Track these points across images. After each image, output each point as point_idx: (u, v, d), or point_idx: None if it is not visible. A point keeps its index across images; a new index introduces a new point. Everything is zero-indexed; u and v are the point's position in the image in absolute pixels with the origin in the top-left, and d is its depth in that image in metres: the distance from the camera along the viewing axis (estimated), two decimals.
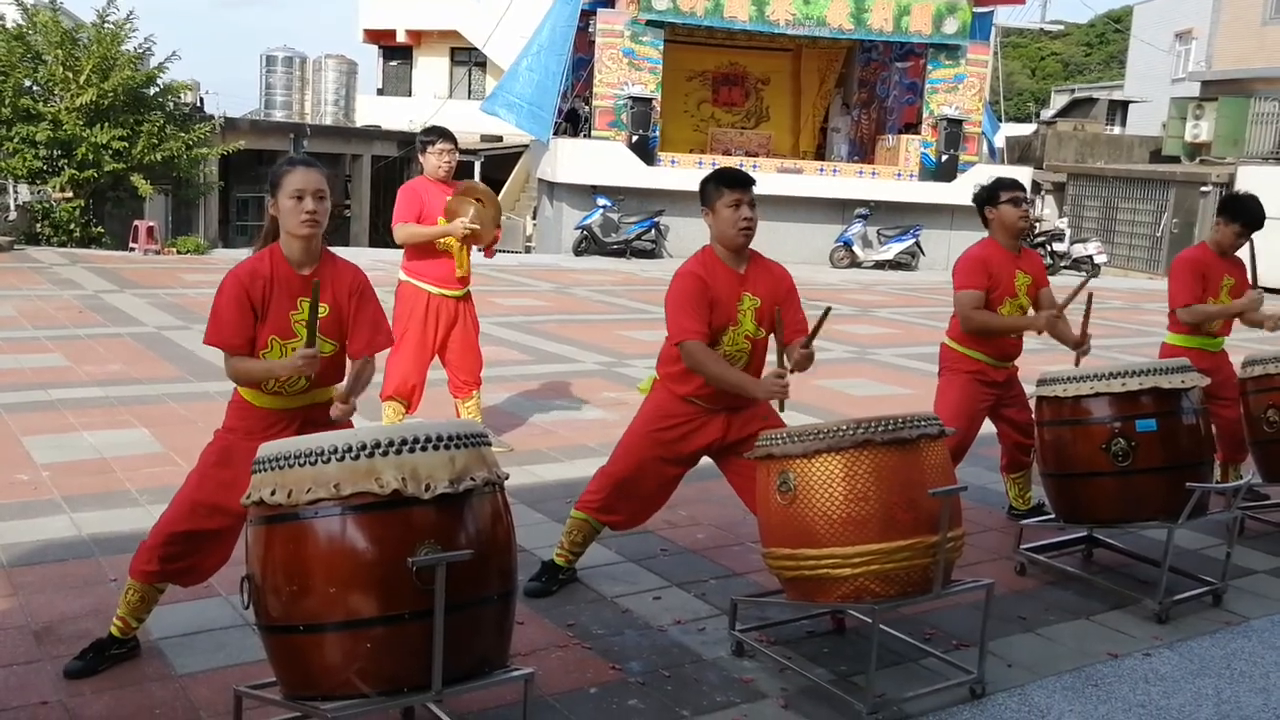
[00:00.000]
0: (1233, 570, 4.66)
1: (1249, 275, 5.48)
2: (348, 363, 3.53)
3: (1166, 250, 22.36)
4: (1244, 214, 5.39)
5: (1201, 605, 4.51)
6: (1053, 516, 4.81)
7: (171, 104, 18.49)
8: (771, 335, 4.11)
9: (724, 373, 3.94)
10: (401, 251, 5.99)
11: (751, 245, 4.09)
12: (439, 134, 5.84)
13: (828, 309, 3.79)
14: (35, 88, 16.92)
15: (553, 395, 7.84)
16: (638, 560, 4.70)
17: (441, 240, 5.77)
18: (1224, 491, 4.71)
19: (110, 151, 16.67)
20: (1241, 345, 6.41)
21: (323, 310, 3.35)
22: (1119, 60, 44.79)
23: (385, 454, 2.66)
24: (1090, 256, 21.06)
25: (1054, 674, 3.81)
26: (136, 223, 16.74)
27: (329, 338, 3.39)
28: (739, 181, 4.02)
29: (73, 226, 16.72)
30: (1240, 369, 5.44)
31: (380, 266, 14.35)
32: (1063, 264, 20.92)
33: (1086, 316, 4.87)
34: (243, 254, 17.72)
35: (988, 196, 5.07)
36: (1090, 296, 4.82)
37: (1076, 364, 4.83)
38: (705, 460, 4.32)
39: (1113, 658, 3.98)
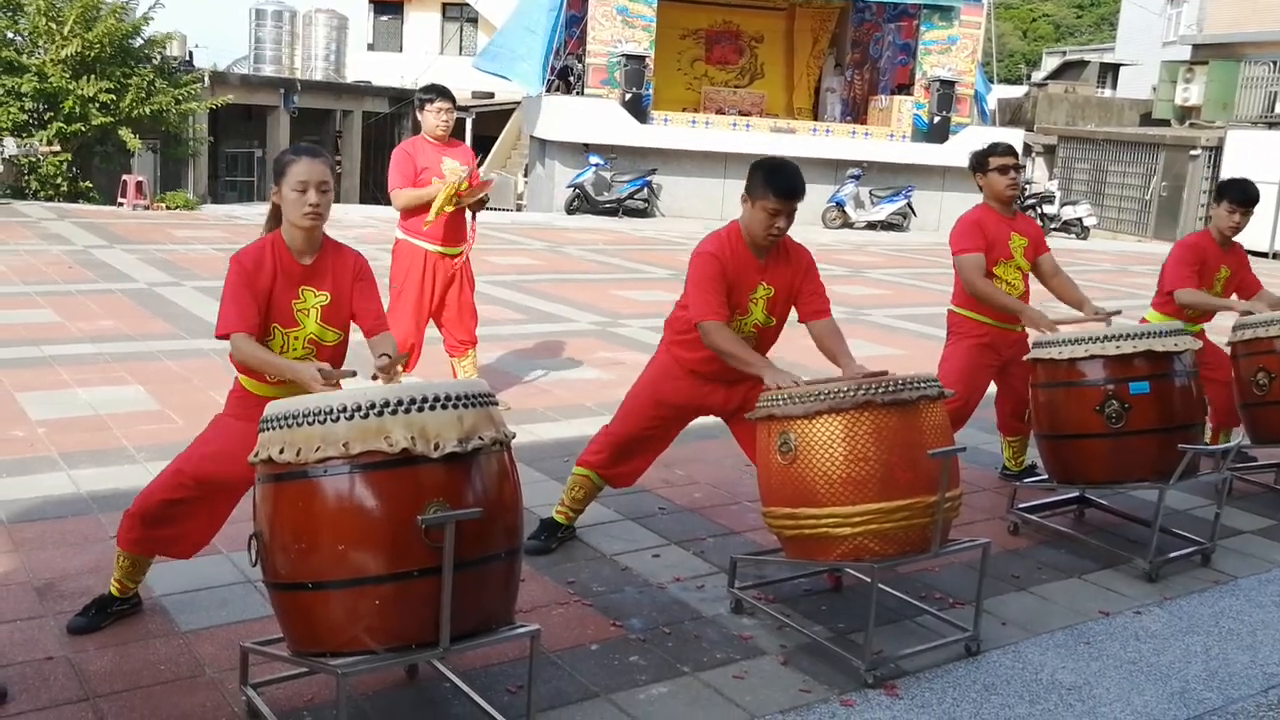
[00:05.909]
0: (1221, 530, 4.72)
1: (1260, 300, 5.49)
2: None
3: (1155, 213, 22.41)
4: (1230, 190, 5.47)
5: (1191, 564, 4.58)
6: (1045, 477, 4.86)
7: (158, 56, 18.28)
8: (780, 323, 4.12)
9: (741, 353, 3.86)
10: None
11: None
12: (438, 92, 5.79)
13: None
14: (18, 39, 16.69)
15: (548, 355, 7.85)
16: (636, 518, 4.74)
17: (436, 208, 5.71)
18: (1214, 453, 4.76)
19: (97, 104, 16.49)
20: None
21: (324, 298, 3.34)
22: (1110, 23, 44.61)
23: (395, 413, 2.67)
24: (1080, 219, 21.16)
25: (1047, 631, 3.87)
26: (125, 177, 16.62)
27: (332, 326, 3.36)
28: (787, 194, 3.86)
29: (60, 180, 16.57)
30: (1231, 332, 5.48)
31: (371, 224, 14.31)
32: (1053, 226, 20.97)
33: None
34: (232, 209, 17.63)
35: (978, 163, 5.07)
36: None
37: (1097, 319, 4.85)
38: (699, 420, 4.34)
39: (1104, 615, 4.04)
